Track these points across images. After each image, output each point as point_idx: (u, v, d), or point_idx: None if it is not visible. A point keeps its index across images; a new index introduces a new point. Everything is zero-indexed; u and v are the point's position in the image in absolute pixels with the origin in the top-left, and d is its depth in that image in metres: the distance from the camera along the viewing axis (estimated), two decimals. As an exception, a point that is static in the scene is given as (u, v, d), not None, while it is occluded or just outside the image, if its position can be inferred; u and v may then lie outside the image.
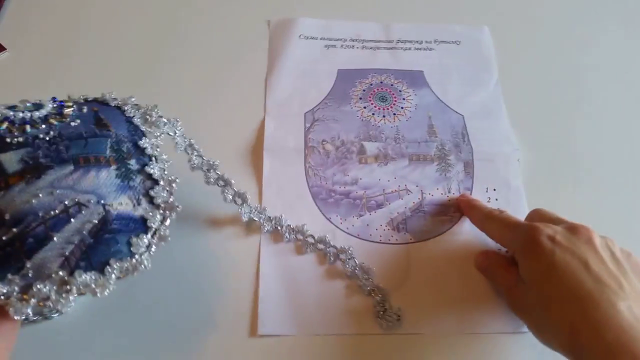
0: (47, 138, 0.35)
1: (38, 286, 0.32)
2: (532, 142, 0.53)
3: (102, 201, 0.34)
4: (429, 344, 0.42)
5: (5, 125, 0.36)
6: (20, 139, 0.35)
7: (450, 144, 0.52)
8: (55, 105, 0.39)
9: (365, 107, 0.54)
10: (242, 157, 0.50)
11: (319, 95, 0.55)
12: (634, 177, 0.52)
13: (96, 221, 0.34)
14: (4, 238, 0.32)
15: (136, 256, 0.35)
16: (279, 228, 0.45)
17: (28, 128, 0.36)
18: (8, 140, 0.35)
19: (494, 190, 0.49)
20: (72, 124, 0.37)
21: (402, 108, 0.54)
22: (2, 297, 0.32)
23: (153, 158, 0.39)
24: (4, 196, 0.33)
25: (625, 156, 0.53)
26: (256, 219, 0.45)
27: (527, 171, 0.51)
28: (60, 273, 0.32)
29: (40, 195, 0.33)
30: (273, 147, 0.50)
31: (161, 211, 0.37)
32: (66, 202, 0.33)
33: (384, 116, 0.54)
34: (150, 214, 0.36)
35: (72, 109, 0.38)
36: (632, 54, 0.61)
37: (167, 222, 0.37)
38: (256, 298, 0.43)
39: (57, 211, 0.33)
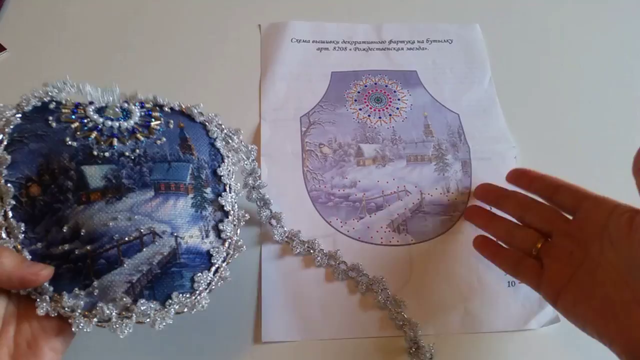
0: (133, 157, 0.36)
1: (102, 307, 0.32)
2: (528, 139, 0.53)
3: (175, 233, 0.35)
4: (435, 345, 0.42)
5: (94, 135, 0.36)
6: (107, 154, 0.35)
7: (447, 143, 0.52)
8: (142, 115, 0.38)
9: (360, 109, 0.54)
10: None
11: (314, 98, 0.55)
12: (630, 171, 0.52)
13: (166, 253, 0.34)
14: (76, 252, 0.33)
15: (197, 293, 0.35)
16: (311, 251, 0.44)
17: (115, 142, 0.36)
18: (95, 153, 0.35)
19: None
20: (158, 142, 0.37)
21: (397, 109, 0.54)
22: (67, 309, 0.32)
23: (227, 187, 0.39)
24: (84, 211, 0.33)
25: (622, 151, 0.53)
26: (289, 242, 0.45)
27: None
28: (125, 299, 0.33)
29: (119, 218, 0.34)
30: (270, 152, 0.50)
31: (226, 246, 0.37)
32: (142, 230, 0.34)
33: (379, 117, 0.54)
34: (216, 249, 0.37)
35: (159, 122, 0.38)
36: (625, 49, 0.62)
37: (229, 261, 0.37)
38: (259, 305, 0.43)
39: (132, 237, 0.34)
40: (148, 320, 0.33)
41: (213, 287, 0.36)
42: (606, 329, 0.33)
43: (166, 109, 0.40)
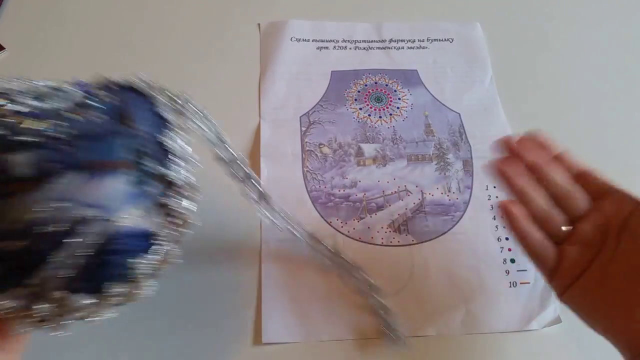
0: (65, 138, 0.31)
1: (38, 305, 0.30)
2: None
3: (110, 216, 0.31)
4: (435, 346, 0.42)
5: (21, 119, 0.32)
6: (36, 139, 0.31)
7: (448, 142, 0.52)
8: (79, 93, 0.35)
9: (361, 109, 0.54)
10: (239, 163, 0.50)
11: (314, 97, 0.54)
12: (632, 169, 0.52)
13: (101, 240, 0.31)
14: (6, 249, 0.30)
15: (138, 281, 0.32)
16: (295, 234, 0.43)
17: (45, 124, 0.32)
18: (23, 138, 0.31)
19: (494, 187, 0.49)
20: (95, 120, 0.33)
21: (398, 108, 0.54)
22: (1, 312, 0.30)
23: (174, 157, 0.35)
24: (10, 204, 0.30)
25: (623, 147, 0.53)
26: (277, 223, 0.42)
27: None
28: (60, 294, 0.30)
29: (49, 207, 0.30)
30: (270, 153, 0.50)
31: (174, 224, 0.33)
32: (74, 217, 0.30)
33: (380, 117, 0.53)
34: (161, 228, 0.33)
35: (96, 100, 0.34)
36: (626, 47, 0.61)
37: (179, 240, 0.33)
38: (259, 306, 0.42)
39: (63, 226, 0.30)
40: (88, 315, 0.31)
41: (160, 271, 0.33)
42: (612, 322, 0.33)
43: (107, 84, 0.37)
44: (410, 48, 0.59)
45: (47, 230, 0.30)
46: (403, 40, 0.60)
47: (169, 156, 0.34)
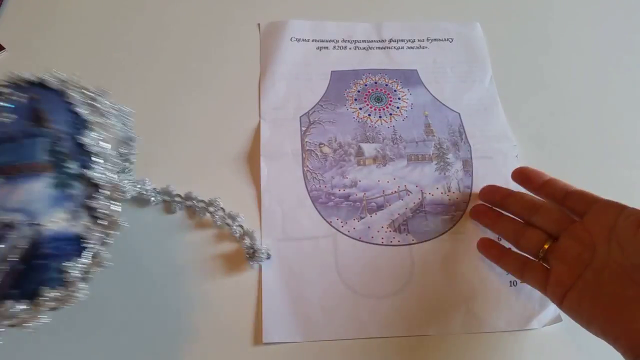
0: None
1: None
2: (529, 138, 0.53)
3: (34, 220, 0.30)
4: (435, 345, 0.42)
5: None
6: None
7: (448, 142, 0.52)
8: None
9: (360, 108, 0.54)
10: (239, 163, 0.50)
11: (314, 97, 0.54)
12: (631, 170, 0.52)
13: (27, 245, 0.30)
14: None
15: (71, 284, 0.31)
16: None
17: None
18: None
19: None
20: (6, 120, 0.32)
21: (397, 108, 0.54)
22: None
23: (98, 158, 0.33)
24: None
25: (623, 149, 0.53)
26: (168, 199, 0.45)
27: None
28: None
29: None
30: (270, 152, 0.50)
31: (102, 226, 0.32)
32: None
33: (380, 117, 0.53)
34: (90, 231, 0.32)
35: (7, 101, 0.33)
36: (627, 47, 0.61)
37: (107, 242, 0.33)
38: (260, 306, 0.42)
39: None
40: (21, 321, 0.30)
41: (90, 274, 0.32)
42: (611, 326, 0.34)
43: (19, 83, 0.35)
44: (410, 48, 0.59)
45: None
46: (403, 40, 0.60)
47: (90, 156, 0.33)
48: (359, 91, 0.55)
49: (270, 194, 0.47)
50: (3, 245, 0.29)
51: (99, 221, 0.32)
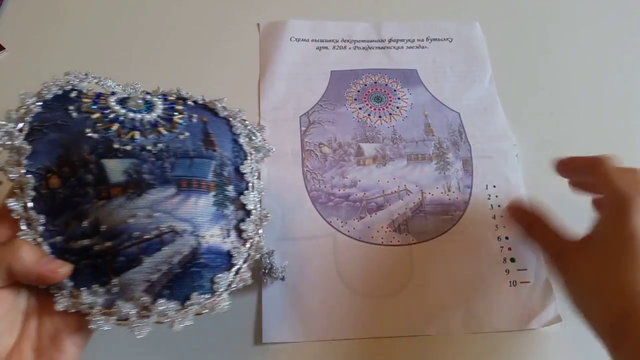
0: (154, 151, 0.34)
1: (121, 305, 0.31)
2: (529, 137, 0.53)
3: (196, 232, 0.33)
4: (436, 345, 0.42)
5: (115, 127, 0.34)
6: (128, 147, 0.34)
7: (448, 142, 0.52)
8: (165, 107, 0.37)
9: (360, 108, 0.54)
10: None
11: (313, 97, 0.54)
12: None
13: (187, 252, 0.33)
14: (96, 248, 0.32)
15: (217, 294, 0.34)
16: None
17: (137, 135, 0.34)
18: (116, 146, 0.33)
19: (494, 187, 0.49)
20: (181, 136, 0.36)
21: (397, 108, 0.54)
22: (85, 306, 0.31)
23: (250, 185, 0.38)
24: (104, 206, 0.32)
25: (622, 148, 0.53)
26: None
27: (525, 166, 0.51)
28: (144, 298, 0.32)
29: (139, 215, 0.32)
30: (270, 152, 0.50)
31: (247, 247, 0.36)
32: (162, 228, 0.32)
33: (380, 116, 0.53)
34: (237, 250, 0.35)
35: (182, 116, 0.37)
36: (626, 46, 0.61)
37: (250, 263, 0.36)
38: (260, 306, 0.42)
39: (152, 235, 0.32)
40: (167, 320, 0.32)
41: (233, 288, 0.35)
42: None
43: (189, 102, 0.39)
44: (409, 48, 0.59)
45: (137, 235, 0.32)
46: (402, 40, 0.60)
47: (246, 184, 0.38)
48: (358, 91, 0.55)
49: (270, 194, 0.47)
50: (168, 248, 0.32)
51: (246, 243, 0.36)
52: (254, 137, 0.40)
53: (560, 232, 0.39)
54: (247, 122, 0.41)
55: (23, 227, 0.32)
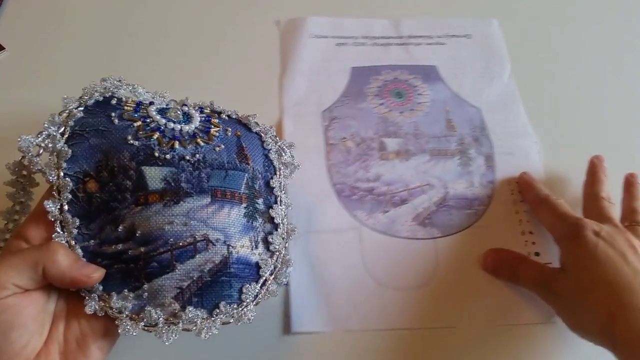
0: (192, 161, 0.35)
1: (150, 311, 0.32)
2: (549, 134, 0.53)
3: (228, 242, 0.34)
4: (461, 337, 0.42)
5: (156, 136, 0.35)
6: (168, 156, 0.35)
7: (470, 137, 0.52)
8: (202, 120, 0.38)
9: (381, 104, 0.54)
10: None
11: (335, 93, 0.55)
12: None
13: (218, 261, 0.34)
14: (129, 253, 0.32)
15: (244, 304, 0.34)
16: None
17: (177, 145, 0.35)
18: (156, 154, 0.34)
19: (516, 182, 0.49)
20: (217, 148, 0.37)
21: (419, 103, 0.54)
22: (115, 310, 0.32)
23: (279, 200, 0.39)
24: (141, 212, 0.33)
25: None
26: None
27: (547, 163, 0.51)
28: (174, 305, 0.32)
29: (175, 222, 0.33)
30: (293, 146, 0.50)
31: (274, 259, 0.37)
32: (196, 236, 0.33)
33: (401, 112, 0.54)
34: (265, 261, 0.36)
35: (218, 129, 0.38)
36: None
37: (276, 275, 0.37)
38: (288, 295, 0.43)
39: (186, 242, 0.33)
40: (195, 328, 0.32)
41: (260, 299, 0.35)
42: None
43: (224, 116, 0.41)
44: (428, 44, 0.60)
45: (172, 242, 0.33)
46: (421, 37, 0.60)
47: (275, 199, 0.39)
48: (379, 87, 0.56)
49: (295, 187, 0.48)
50: (201, 256, 0.33)
51: (273, 255, 0.37)
52: (283, 154, 0.42)
53: (539, 266, 0.43)
54: (277, 138, 0.42)
55: (58, 230, 0.32)
